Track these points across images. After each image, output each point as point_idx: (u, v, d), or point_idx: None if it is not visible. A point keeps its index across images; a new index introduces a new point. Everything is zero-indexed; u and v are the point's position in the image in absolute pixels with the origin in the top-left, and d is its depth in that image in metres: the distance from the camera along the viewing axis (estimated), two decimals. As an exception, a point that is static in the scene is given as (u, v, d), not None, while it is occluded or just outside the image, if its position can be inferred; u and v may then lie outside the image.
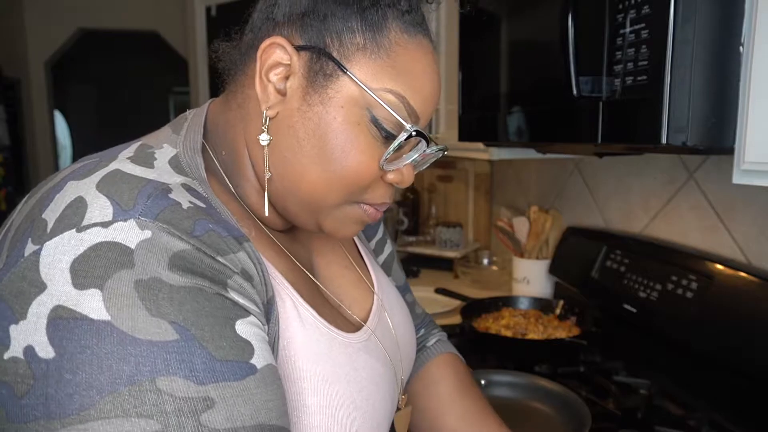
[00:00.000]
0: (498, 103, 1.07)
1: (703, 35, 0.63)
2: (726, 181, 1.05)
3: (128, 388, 0.34)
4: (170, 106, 6.46)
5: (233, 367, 0.38)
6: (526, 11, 0.98)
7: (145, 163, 0.45)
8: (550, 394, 0.97)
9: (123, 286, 0.36)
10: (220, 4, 2.94)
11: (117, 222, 0.38)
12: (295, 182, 0.50)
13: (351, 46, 0.48)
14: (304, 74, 0.48)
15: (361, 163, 0.48)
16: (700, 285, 0.99)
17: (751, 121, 0.63)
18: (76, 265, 0.36)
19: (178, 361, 0.36)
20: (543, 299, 1.45)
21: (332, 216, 0.52)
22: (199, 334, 0.37)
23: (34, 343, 0.35)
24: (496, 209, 2.06)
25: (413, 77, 0.49)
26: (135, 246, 0.37)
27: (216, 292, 0.40)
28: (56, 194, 0.41)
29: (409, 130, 0.48)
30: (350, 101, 0.48)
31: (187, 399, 0.35)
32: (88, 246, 0.37)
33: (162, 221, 0.39)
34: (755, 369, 0.87)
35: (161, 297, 0.37)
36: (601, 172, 1.45)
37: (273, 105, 0.49)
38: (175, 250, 0.38)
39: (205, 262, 0.40)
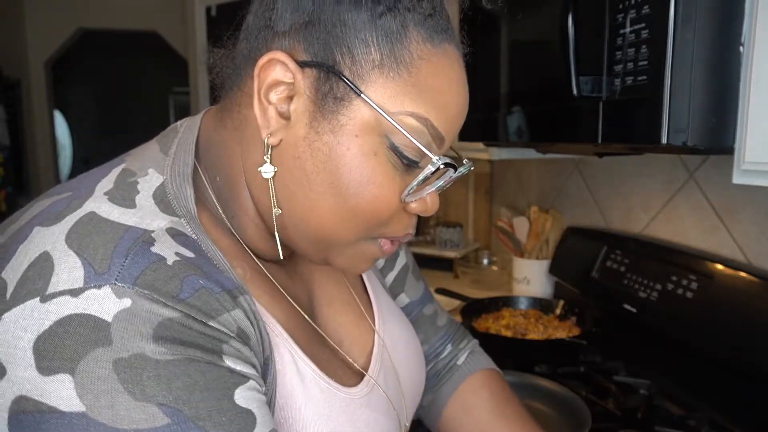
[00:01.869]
0: (498, 103, 1.07)
1: (703, 35, 0.63)
2: (726, 181, 1.05)
3: None
4: (170, 106, 6.45)
5: None
6: (527, 11, 0.98)
7: (125, 200, 0.38)
8: (550, 394, 0.97)
9: (99, 369, 0.30)
10: (220, 4, 2.94)
11: (89, 289, 0.32)
12: (303, 218, 0.43)
13: (365, 64, 0.40)
14: (310, 96, 0.41)
15: (379, 197, 0.42)
16: (700, 285, 0.99)
17: (751, 121, 0.63)
18: (40, 344, 0.30)
19: None
20: (543, 299, 1.45)
21: (345, 253, 0.46)
22: (193, 413, 0.32)
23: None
24: (496, 209, 2.06)
25: (438, 95, 0.42)
26: (112, 318, 0.31)
27: (210, 361, 0.34)
28: (19, 245, 0.34)
29: (437, 163, 0.41)
30: (366, 129, 0.40)
31: None
32: (54, 320, 0.31)
33: (142, 286, 0.33)
34: (755, 369, 0.87)
35: (146, 376, 0.31)
36: (601, 172, 1.44)
37: (275, 131, 0.41)
38: (159, 320, 0.33)
39: (196, 330, 0.34)
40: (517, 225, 1.64)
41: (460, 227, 2.03)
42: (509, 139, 1.03)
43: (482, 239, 2.14)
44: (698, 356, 0.99)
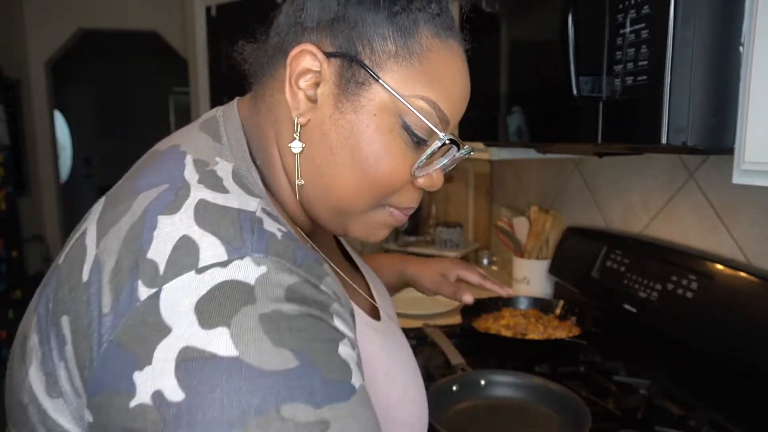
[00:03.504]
0: (498, 103, 1.07)
1: (703, 35, 0.63)
2: (726, 181, 1.05)
3: (256, 420, 0.35)
4: (170, 106, 6.45)
5: (341, 388, 0.39)
6: (526, 11, 0.98)
7: (217, 186, 0.44)
8: (550, 394, 0.97)
9: (249, 321, 0.37)
10: (220, 4, 2.94)
11: (234, 261, 0.39)
12: (327, 189, 0.50)
13: (383, 54, 0.48)
14: (335, 81, 0.48)
15: (393, 169, 0.49)
16: (700, 285, 0.99)
17: (751, 121, 0.63)
18: (200, 306, 0.37)
19: (299, 387, 0.37)
20: (543, 299, 1.45)
21: (360, 221, 0.53)
22: (315, 358, 0.38)
23: (162, 387, 0.35)
24: (496, 209, 2.06)
25: (444, 82, 0.50)
26: (254, 282, 0.38)
27: (324, 319, 0.41)
28: (152, 232, 0.40)
29: (443, 138, 0.49)
30: (383, 109, 0.48)
31: (307, 424, 0.36)
32: (210, 286, 0.37)
33: (273, 255, 0.40)
34: (755, 369, 0.87)
35: (283, 327, 0.38)
36: (601, 172, 1.45)
37: (304, 112, 0.48)
38: (289, 283, 0.40)
39: (313, 292, 0.41)
40: (517, 225, 1.64)
41: (460, 227, 2.03)
42: (509, 139, 1.03)
43: (482, 239, 2.14)
44: (698, 356, 0.99)
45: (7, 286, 2.95)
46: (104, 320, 0.38)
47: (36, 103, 4.01)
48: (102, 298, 0.39)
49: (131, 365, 0.36)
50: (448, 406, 0.96)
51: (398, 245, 2.13)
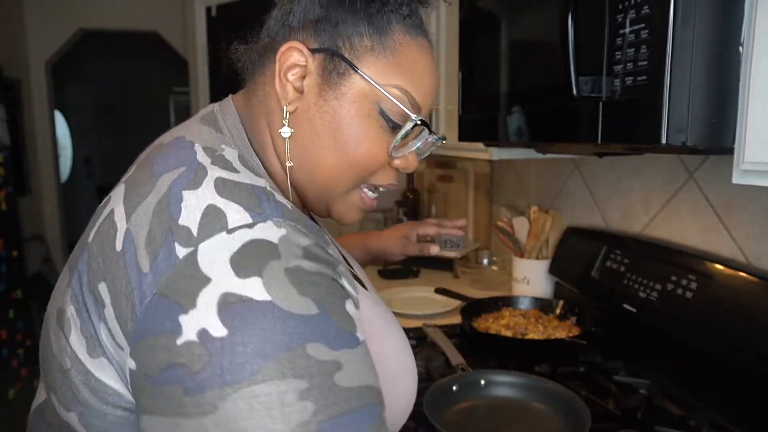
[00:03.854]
0: (498, 103, 1.07)
1: (703, 35, 0.63)
2: (726, 181, 1.05)
3: (287, 354, 0.41)
4: (170, 106, 6.45)
5: (351, 337, 0.45)
6: (526, 11, 0.98)
7: (229, 167, 0.50)
8: (550, 394, 0.97)
9: (277, 273, 0.43)
10: (220, 4, 2.94)
11: (258, 223, 0.45)
12: (312, 170, 0.57)
13: (360, 48, 0.54)
14: (319, 73, 0.55)
15: (371, 150, 0.56)
16: (700, 285, 0.99)
17: (751, 121, 0.63)
18: (234, 259, 0.43)
19: (320, 331, 0.43)
20: (543, 299, 1.45)
21: (340, 201, 0.59)
22: (330, 309, 0.45)
23: (207, 325, 0.41)
24: (496, 209, 2.06)
25: (415, 74, 0.56)
26: (278, 241, 0.45)
27: (333, 277, 0.48)
28: (179, 204, 0.46)
29: (414, 119, 0.56)
30: (361, 96, 0.54)
31: (326, 362, 0.42)
32: (241, 243, 0.44)
33: (290, 219, 0.47)
34: (755, 369, 0.87)
35: (304, 280, 0.44)
36: (601, 172, 1.45)
37: (292, 101, 0.55)
38: (304, 244, 0.46)
39: (323, 254, 0.48)
40: (517, 225, 1.65)
41: (460, 227, 2.03)
42: (509, 139, 1.03)
43: (482, 239, 2.14)
44: (698, 356, 0.99)
45: (7, 286, 2.95)
46: (144, 279, 0.43)
47: (36, 103, 4.00)
48: (140, 261, 0.44)
49: (176, 311, 0.42)
50: (448, 406, 0.96)
51: (398, 245, 2.13)
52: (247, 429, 0.40)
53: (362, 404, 0.44)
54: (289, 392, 0.40)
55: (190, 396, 0.41)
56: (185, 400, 0.41)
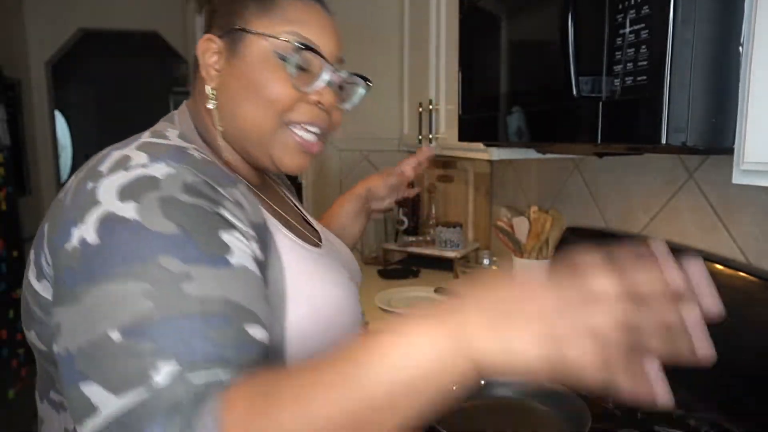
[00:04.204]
0: (498, 103, 1.07)
1: (703, 35, 0.63)
2: (726, 181, 1.05)
3: (139, 262, 0.49)
4: (170, 106, 6.44)
5: (212, 258, 0.52)
6: (526, 11, 0.98)
7: (162, 137, 0.62)
8: (550, 394, 0.97)
9: (151, 200, 0.52)
10: (220, 4, 2.94)
11: (152, 164, 0.55)
12: (241, 125, 0.67)
13: (249, 16, 0.66)
14: (227, 49, 0.66)
15: (278, 87, 0.65)
16: (700, 285, 0.99)
17: (751, 121, 0.63)
18: (122, 189, 0.52)
19: (174, 247, 0.50)
20: (543, 299, 1.45)
21: (276, 144, 0.67)
22: (193, 232, 0.52)
23: (86, 235, 0.51)
24: (496, 209, 2.06)
25: (303, 21, 0.66)
26: (162, 177, 0.54)
27: (213, 210, 0.55)
28: (106, 158, 0.57)
29: (298, 45, 0.64)
30: (258, 49, 0.65)
31: (175, 273, 0.49)
32: (131, 178, 0.53)
33: (184, 164, 0.56)
34: (755, 369, 0.87)
35: (174, 206, 0.52)
36: (601, 172, 1.45)
37: (213, 78, 0.67)
38: (189, 181, 0.55)
39: (208, 190, 0.56)
40: (517, 225, 1.64)
41: (460, 227, 2.03)
42: (509, 140, 1.03)
43: (482, 239, 2.14)
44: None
45: (7, 286, 2.95)
46: (65, 208, 0.55)
47: (36, 103, 4.00)
48: (66, 199, 0.57)
49: (71, 224, 0.52)
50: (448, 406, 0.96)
51: (398, 245, 2.14)
52: (99, 317, 0.48)
53: (205, 311, 0.49)
54: (135, 291, 0.48)
55: (68, 289, 0.50)
56: (65, 292, 0.51)
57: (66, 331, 0.49)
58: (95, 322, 0.48)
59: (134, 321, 0.47)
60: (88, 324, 0.48)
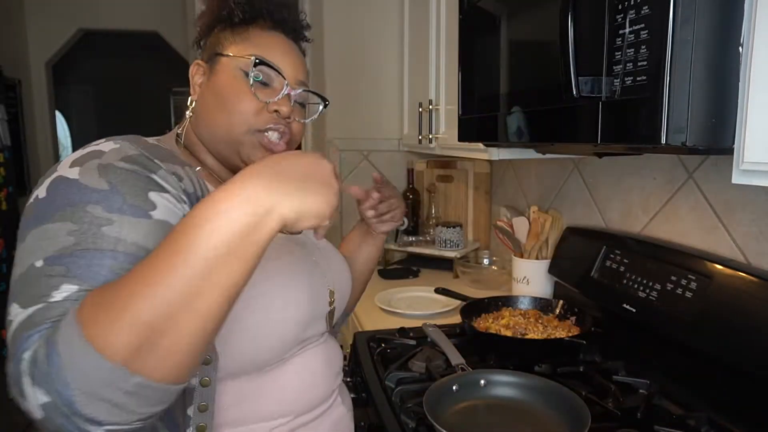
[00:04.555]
0: (498, 103, 1.07)
1: (703, 35, 0.63)
2: (725, 181, 1.05)
3: (70, 208, 0.58)
4: (170, 106, 6.44)
5: (135, 210, 0.60)
6: (526, 11, 0.98)
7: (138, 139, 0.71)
8: (550, 394, 0.97)
9: (92, 165, 0.62)
10: (221, 4, 2.94)
11: (105, 142, 0.66)
12: (213, 130, 0.78)
13: (226, 42, 0.80)
14: (208, 70, 0.80)
15: (241, 98, 0.76)
16: (700, 285, 1.00)
17: (751, 121, 0.63)
18: (74, 159, 0.63)
19: (102, 199, 0.59)
20: (543, 299, 1.45)
21: (244, 144, 0.77)
22: (122, 189, 0.60)
23: (39, 193, 0.61)
24: (495, 209, 2.06)
25: (266, 47, 0.79)
26: (107, 150, 0.64)
27: (145, 175, 0.63)
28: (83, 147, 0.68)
29: (252, 60, 0.76)
30: (228, 67, 0.78)
31: (98, 217, 0.58)
32: (84, 152, 0.64)
33: (132, 143, 0.66)
34: (755, 369, 0.87)
35: (109, 170, 0.61)
36: (601, 172, 1.45)
37: (195, 92, 0.81)
38: (130, 153, 0.64)
39: (144, 160, 0.65)
40: (516, 225, 1.65)
41: (460, 227, 2.03)
42: (509, 140, 1.03)
43: (482, 239, 2.14)
44: (698, 356, 0.99)
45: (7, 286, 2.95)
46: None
47: (36, 103, 4.00)
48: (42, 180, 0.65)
49: (35, 188, 0.63)
50: (448, 406, 0.96)
51: (398, 245, 2.14)
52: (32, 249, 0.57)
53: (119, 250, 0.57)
54: (62, 229, 0.57)
55: (22, 231, 0.59)
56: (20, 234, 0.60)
57: (15, 265, 0.58)
58: (29, 255, 0.57)
59: (56, 251, 0.56)
60: (24, 258, 0.57)
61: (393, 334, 1.37)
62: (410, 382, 1.11)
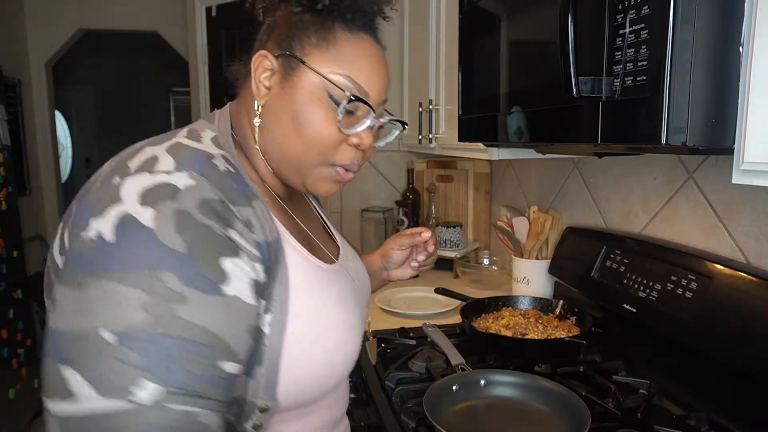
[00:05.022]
0: (498, 103, 1.07)
1: (703, 35, 0.63)
2: (725, 181, 1.06)
3: (145, 270, 0.52)
4: (170, 106, 6.45)
5: (209, 285, 0.54)
6: (526, 11, 0.98)
7: (195, 139, 0.64)
8: (550, 394, 0.97)
9: (167, 210, 0.54)
10: (220, 4, 2.94)
11: (177, 172, 0.57)
12: (281, 150, 0.69)
13: (308, 46, 0.67)
14: (281, 72, 0.68)
15: (323, 128, 0.66)
16: (700, 285, 1.00)
17: (751, 121, 0.63)
18: (144, 192, 0.54)
19: (179, 265, 0.52)
20: (543, 299, 1.45)
21: (312, 175, 0.70)
22: (197, 253, 0.54)
23: (103, 230, 0.53)
24: (495, 209, 2.06)
25: (356, 62, 0.68)
26: (183, 188, 0.55)
27: (222, 233, 0.56)
28: (137, 153, 0.60)
29: (348, 95, 0.66)
30: (311, 84, 0.66)
31: (172, 290, 0.52)
32: (155, 183, 0.55)
33: (205, 177, 0.58)
34: (755, 369, 0.87)
35: (187, 223, 0.54)
36: (601, 172, 1.45)
37: (262, 96, 0.69)
38: (206, 198, 0.56)
39: (221, 209, 0.57)
40: (517, 225, 1.65)
41: (460, 227, 2.03)
42: (509, 140, 1.03)
43: (482, 239, 2.14)
44: (698, 356, 0.99)
45: (7, 286, 2.95)
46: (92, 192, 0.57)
47: (36, 103, 4.00)
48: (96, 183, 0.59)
49: (90, 214, 0.54)
50: (448, 406, 0.96)
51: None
52: (95, 311, 0.51)
53: (188, 338, 0.52)
54: (134, 298, 0.51)
55: (73, 272, 0.53)
56: (69, 273, 0.53)
57: (61, 311, 0.52)
58: (91, 315, 0.51)
59: (127, 328, 0.50)
60: (84, 314, 0.51)
61: (393, 334, 1.37)
62: (410, 382, 1.12)
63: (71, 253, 0.54)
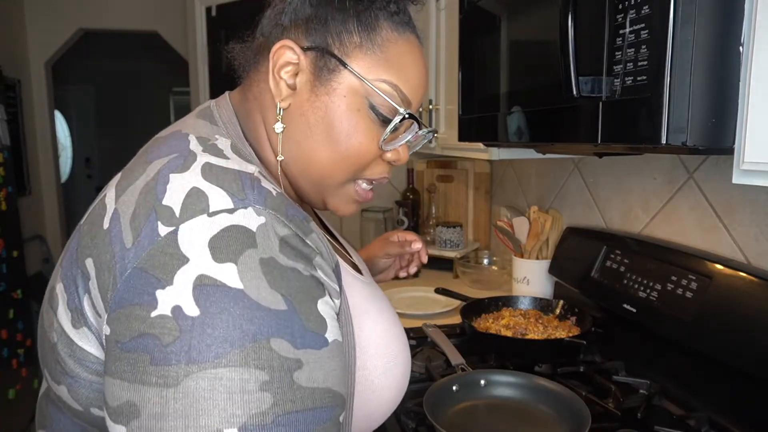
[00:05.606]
0: (498, 103, 1.07)
1: (703, 35, 0.63)
2: (725, 181, 1.06)
3: (251, 344, 0.42)
4: (170, 106, 6.45)
5: (316, 337, 0.46)
6: (526, 11, 0.98)
7: (219, 154, 0.52)
8: (550, 394, 0.97)
9: (251, 262, 0.44)
10: (220, 4, 2.94)
11: (239, 209, 0.46)
12: (306, 164, 0.59)
13: (349, 45, 0.56)
14: (311, 70, 0.56)
15: (362, 144, 0.57)
16: (700, 285, 1.00)
17: (751, 121, 0.63)
18: (213, 243, 0.44)
19: (286, 327, 0.44)
20: (543, 299, 1.45)
21: (336, 194, 0.62)
22: (299, 307, 0.45)
23: (181, 303, 0.42)
24: (496, 209, 2.06)
25: (403, 68, 0.58)
26: (256, 229, 0.46)
27: (309, 273, 0.48)
28: (165, 185, 0.48)
29: (403, 113, 0.57)
30: (351, 91, 0.56)
31: (287, 359, 0.43)
32: (220, 228, 0.45)
33: (271, 208, 0.48)
34: (755, 369, 0.87)
35: (277, 274, 0.45)
36: (601, 172, 1.45)
37: (285, 98, 0.57)
38: (282, 234, 0.47)
39: (300, 245, 0.48)
40: (516, 225, 1.65)
41: (460, 227, 2.03)
42: (509, 140, 1.03)
43: (482, 239, 2.14)
44: (698, 356, 0.99)
45: (7, 286, 2.95)
46: (127, 254, 0.45)
47: (36, 103, 4.00)
48: (124, 237, 0.46)
49: (154, 285, 0.43)
50: (448, 406, 0.96)
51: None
52: (207, 408, 0.41)
53: (316, 405, 0.45)
54: (251, 381, 0.42)
55: (155, 366, 0.42)
56: (150, 369, 0.42)
57: (151, 416, 0.41)
58: (204, 414, 0.41)
59: (254, 418, 0.41)
60: (193, 415, 0.41)
61: (393, 334, 1.37)
62: (410, 382, 1.11)
63: (140, 341, 0.42)
